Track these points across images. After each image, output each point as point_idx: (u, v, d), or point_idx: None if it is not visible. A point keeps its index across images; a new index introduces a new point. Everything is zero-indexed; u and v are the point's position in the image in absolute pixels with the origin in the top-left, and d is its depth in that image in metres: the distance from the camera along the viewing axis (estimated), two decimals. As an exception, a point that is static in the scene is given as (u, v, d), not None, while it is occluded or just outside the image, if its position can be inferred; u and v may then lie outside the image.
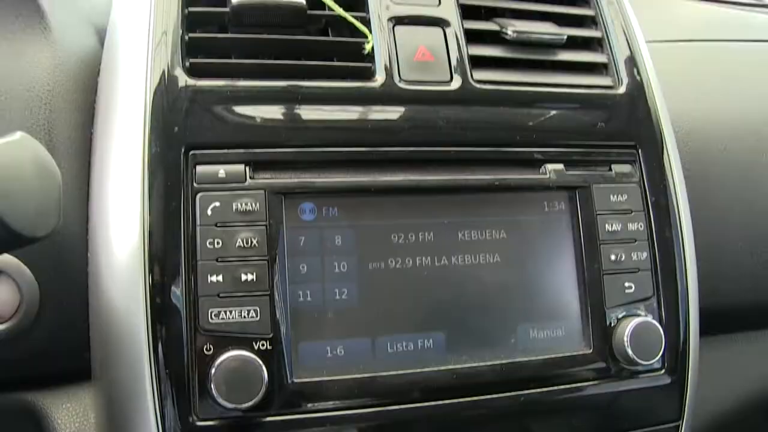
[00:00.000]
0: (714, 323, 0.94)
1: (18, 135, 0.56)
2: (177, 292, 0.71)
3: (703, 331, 0.90)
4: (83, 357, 0.81)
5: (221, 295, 0.71)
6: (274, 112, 0.77)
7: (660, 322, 0.83)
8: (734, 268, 1.02)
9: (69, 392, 0.85)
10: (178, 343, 0.71)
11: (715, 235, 1.00)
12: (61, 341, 0.80)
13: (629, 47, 0.92)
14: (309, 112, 0.78)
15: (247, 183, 0.74)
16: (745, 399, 1.06)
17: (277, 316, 0.72)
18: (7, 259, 0.77)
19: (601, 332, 0.82)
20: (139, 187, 0.73)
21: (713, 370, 1.04)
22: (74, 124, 0.83)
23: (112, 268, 0.74)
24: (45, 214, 0.56)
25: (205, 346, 0.71)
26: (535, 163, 0.84)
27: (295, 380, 0.73)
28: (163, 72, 0.75)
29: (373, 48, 0.81)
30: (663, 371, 0.85)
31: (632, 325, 0.80)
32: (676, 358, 0.86)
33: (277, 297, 0.73)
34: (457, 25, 0.85)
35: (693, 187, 0.95)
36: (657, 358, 0.82)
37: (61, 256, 0.79)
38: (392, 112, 0.80)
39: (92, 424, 0.84)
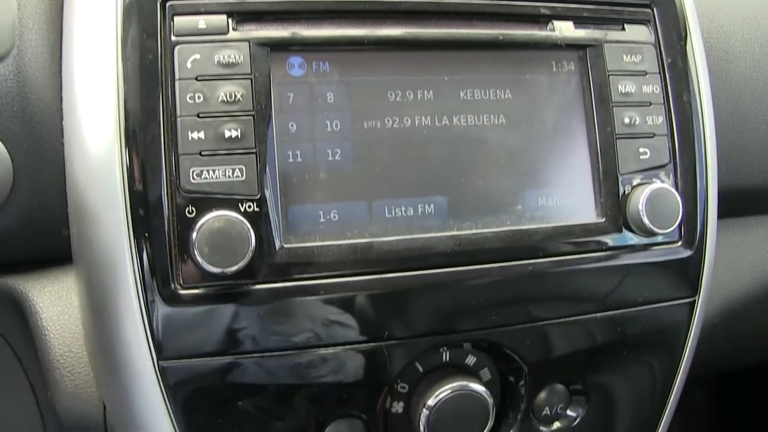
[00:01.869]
0: (731, 205, 0.88)
1: None
2: (155, 150, 0.66)
3: (720, 213, 0.84)
4: (61, 234, 0.75)
5: (203, 153, 0.66)
6: (257, -42, 0.70)
7: (677, 190, 0.77)
8: (756, 144, 0.95)
9: (51, 276, 0.81)
10: (157, 205, 0.66)
11: (736, 108, 0.94)
12: (38, 217, 0.75)
13: None
14: (295, -41, 0.71)
15: (229, 35, 0.68)
16: (761, 284, 1.01)
17: (265, 176, 0.67)
18: (-23, 132, 0.71)
19: (614, 200, 0.76)
20: (113, 40, 0.67)
21: (729, 252, 0.99)
22: (43, -17, 0.76)
23: (86, 130, 0.68)
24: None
25: (186, 209, 0.65)
26: (541, 19, 0.77)
27: (285, 245, 0.67)
28: None
29: None
30: (679, 243, 0.80)
31: (648, 192, 0.75)
32: (693, 230, 0.80)
33: (264, 157, 0.67)
34: None
35: (714, 59, 0.88)
36: (674, 227, 0.76)
37: (33, 127, 0.74)
38: (387, -40, 0.73)
39: (75, 307, 0.79)
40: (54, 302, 0.80)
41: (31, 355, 0.82)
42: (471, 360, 0.77)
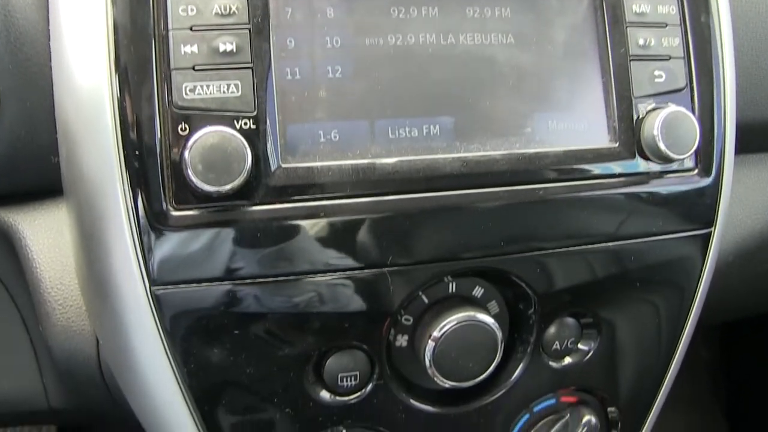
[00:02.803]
0: (747, 139, 0.85)
1: None
2: (146, 65, 0.62)
3: (737, 149, 0.81)
4: (51, 163, 0.72)
5: (197, 67, 0.62)
6: None
7: (694, 115, 0.74)
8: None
9: (41, 208, 0.78)
10: (148, 122, 0.62)
11: (753, 35, 0.90)
12: (26, 144, 0.72)
13: None
14: None
15: (222, -52, 0.64)
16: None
17: (262, 92, 0.63)
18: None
19: (628, 124, 0.73)
20: (100, -47, 0.63)
21: (744, 189, 0.95)
22: None
23: (73, 48, 0.65)
24: None
25: (180, 126, 0.62)
26: (551, -67, 0.73)
27: (283, 165, 0.64)
28: None
29: None
30: (695, 171, 0.76)
31: (663, 115, 0.72)
32: (710, 157, 0.77)
33: (261, 72, 0.63)
34: None
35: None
36: (690, 152, 0.72)
37: (19, 48, 0.71)
38: None
39: (66, 240, 0.76)
40: (44, 235, 0.77)
41: (22, 290, 0.79)
42: (478, 291, 0.74)
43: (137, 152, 0.62)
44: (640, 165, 0.74)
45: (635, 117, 0.73)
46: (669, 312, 0.82)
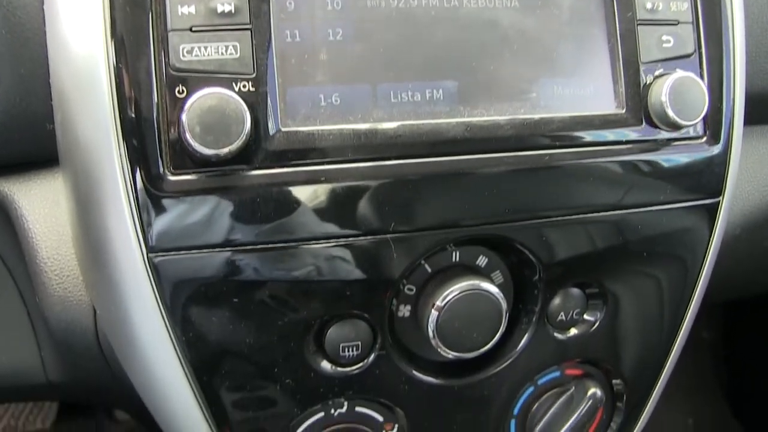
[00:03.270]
0: (755, 110, 0.83)
1: None
2: (142, 26, 0.61)
3: (746, 120, 0.79)
4: (46, 131, 0.71)
5: (194, 28, 0.61)
6: None
7: (702, 81, 0.72)
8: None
9: (37, 178, 0.77)
10: (145, 85, 0.61)
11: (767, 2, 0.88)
12: (21, 111, 0.70)
13: None
14: None
15: None
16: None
17: (261, 54, 0.62)
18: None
19: (635, 90, 0.71)
20: None
21: (752, 162, 0.94)
22: None
23: (67, 8, 0.64)
24: None
25: (177, 88, 0.60)
26: None
27: (283, 129, 0.62)
28: None
29: None
30: (704, 139, 0.75)
31: (671, 81, 0.70)
32: (719, 125, 0.75)
33: (260, 34, 0.62)
34: None
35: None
36: (698, 119, 0.71)
37: (12, 12, 0.69)
38: None
39: (63, 209, 0.75)
40: (40, 204, 0.76)
41: (19, 261, 0.78)
42: (482, 261, 0.72)
43: (134, 116, 0.61)
44: (648, 132, 0.72)
45: (642, 83, 0.72)
46: (676, 283, 0.81)
